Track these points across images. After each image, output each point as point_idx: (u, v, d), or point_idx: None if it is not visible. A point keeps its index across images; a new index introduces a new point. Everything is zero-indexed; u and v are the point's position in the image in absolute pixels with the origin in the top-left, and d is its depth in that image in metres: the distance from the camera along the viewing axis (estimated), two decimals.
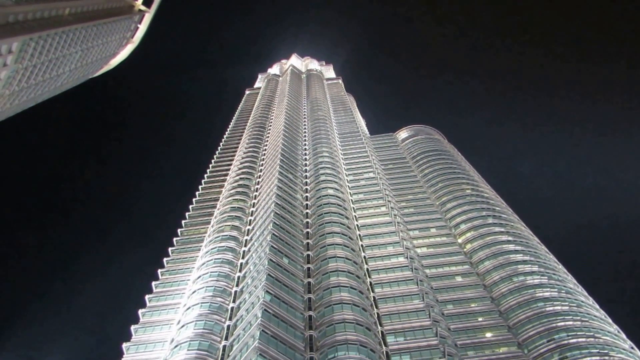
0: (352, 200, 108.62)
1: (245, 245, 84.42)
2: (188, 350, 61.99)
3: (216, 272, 75.96)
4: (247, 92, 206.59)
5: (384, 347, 66.06)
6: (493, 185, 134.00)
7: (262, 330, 57.82)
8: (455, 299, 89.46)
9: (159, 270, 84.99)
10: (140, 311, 75.65)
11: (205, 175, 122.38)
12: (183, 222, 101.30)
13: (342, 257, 77.47)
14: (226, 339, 64.46)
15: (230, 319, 67.55)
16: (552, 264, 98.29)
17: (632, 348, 79.77)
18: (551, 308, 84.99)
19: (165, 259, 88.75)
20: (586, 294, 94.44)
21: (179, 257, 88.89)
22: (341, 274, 73.27)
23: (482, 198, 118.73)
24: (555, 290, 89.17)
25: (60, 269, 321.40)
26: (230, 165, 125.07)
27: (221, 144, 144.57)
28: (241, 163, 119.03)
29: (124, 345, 69.43)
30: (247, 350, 56.86)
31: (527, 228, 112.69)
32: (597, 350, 75.75)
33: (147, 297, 78.96)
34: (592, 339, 77.83)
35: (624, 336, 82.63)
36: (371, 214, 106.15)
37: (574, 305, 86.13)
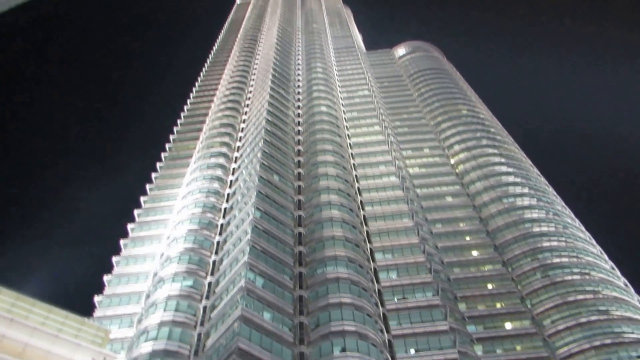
0: (345, 118, 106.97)
1: (235, 162, 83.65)
2: (178, 264, 62.68)
3: (206, 188, 75.60)
4: (237, 1, 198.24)
5: (372, 264, 67.22)
6: (491, 108, 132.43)
7: (252, 245, 58.25)
8: (445, 218, 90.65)
9: (148, 186, 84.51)
10: (129, 226, 75.90)
11: (194, 90, 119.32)
12: (171, 137, 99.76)
13: (334, 176, 77.11)
14: (216, 253, 65.15)
15: (219, 234, 67.99)
16: (543, 186, 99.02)
17: (612, 268, 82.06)
18: (538, 229, 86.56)
19: (153, 175, 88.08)
20: (573, 216, 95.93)
21: (168, 173, 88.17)
22: (332, 192, 73.22)
23: (477, 119, 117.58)
24: (543, 211, 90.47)
25: (49, 189, 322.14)
26: (220, 79, 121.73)
27: (210, 57, 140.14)
28: (231, 77, 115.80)
29: (114, 259, 70.17)
30: (237, 264, 57.53)
31: (520, 150, 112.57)
32: (579, 270, 77.89)
33: (135, 212, 78.97)
34: (575, 259, 79.83)
35: (605, 257, 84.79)
36: (364, 132, 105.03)
37: (560, 226, 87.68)
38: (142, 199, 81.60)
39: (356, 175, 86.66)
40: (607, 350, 65.49)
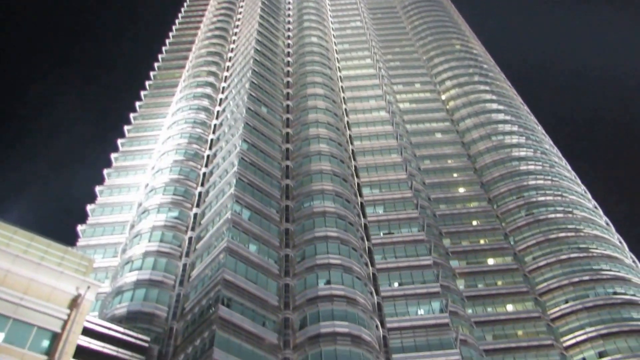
0: (336, 50, 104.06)
1: (222, 92, 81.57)
2: (163, 194, 62.12)
3: (192, 118, 73.94)
4: None
5: (359, 198, 67.20)
6: (485, 44, 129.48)
7: (239, 178, 57.61)
8: (433, 154, 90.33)
9: (132, 115, 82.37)
10: (112, 155, 74.48)
11: (180, 15, 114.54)
12: (156, 65, 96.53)
13: (323, 109, 75.71)
14: (202, 185, 64.54)
15: (206, 166, 67.13)
16: (532, 124, 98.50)
17: (595, 207, 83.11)
18: (525, 167, 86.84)
19: (137, 103, 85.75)
20: (560, 155, 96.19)
21: (152, 102, 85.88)
22: (321, 126, 72.11)
23: (470, 55, 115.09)
24: (531, 150, 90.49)
25: (30, 114, 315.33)
26: (207, 5, 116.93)
27: None
28: (219, 3, 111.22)
29: (98, 188, 69.22)
30: (223, 196, 57.08)
31: (511, 88, 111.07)
32: (563, 208, 78.78)
33: (119, 141, 77.28)
34: (559, 198, 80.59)
35: (589, 196, 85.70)
36: (355, 65, 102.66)
37: (547, 165, 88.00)
38: (125, 128, 79.72)
39: (346, 109, 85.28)
40: (585, 286, 67.14)
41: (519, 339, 63.58)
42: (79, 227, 63.52)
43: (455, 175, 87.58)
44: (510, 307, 67.51)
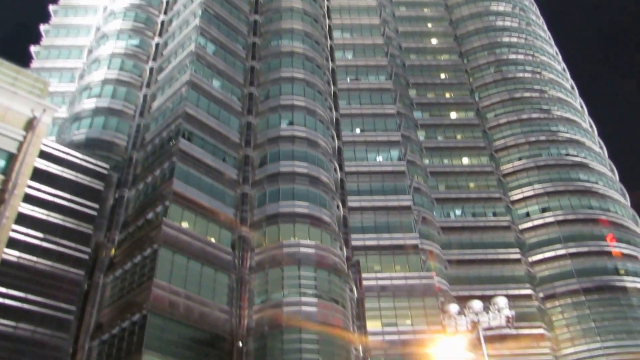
0: None
1: None
2: (124, 20, 58.38)
3: None
4: None
5: (328, 41, 64.87)
6: None
7: (205, 9, 54.14)
8: (410, 2, 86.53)
9: None
10: None
11: None
12: None
13: None
14: (165, 13, 60.63)
15: None
16: None
17: (564, 70, 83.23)
18: (501, 23, 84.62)
19: None
20: (539, 13, 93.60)
21: None
22: None
23: None
24: (510, 5, 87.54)
25: None
26: None
27: None
28: None
29: (52, 7, 64.15)
30: (188, 27, 54.09)
31: None
32: (532, 68, 78.55)
33: None
34: (530, 57, 79.96)
35: (560, 58, 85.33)
36: None
37: (524, 22, 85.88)
38: None
39: None
40: (540, 145, 69.44)
41: (470, 191, 66.79)
42: (33, 49, 59.88)
43: (429, 25, 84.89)
44: (465, 160, 69.88)
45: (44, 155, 40.91)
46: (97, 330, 36.48)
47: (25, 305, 35.60)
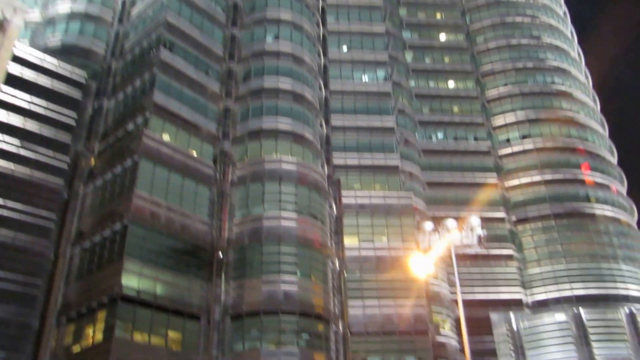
0: None
1: None
2: None
3: None
4: None
5: None
6: None
7: None
8: None
9: None
10: None
11: None
12: None
13: None
14: None
15: None
16: None
17: None
18: None
19: None
20: None
21: None
22: None
23: None
24: None
25: None
26: None
27: None
28: None
29: None
30: None
31: None
32: None
33: None
34: None
35: None
36: None
37: None
38: None
39: None
40: (527, 72, 69.00)
41: (453, 115, 66.85)
42: None
43: None
44: (451, 84, 69.40)
45: (17, 60, 39.64)
46: (79, 237, 36.99)
47: (5, 212, 35.72)
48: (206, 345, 34.80)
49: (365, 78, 58.50)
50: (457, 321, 45.36)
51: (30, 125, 38.68)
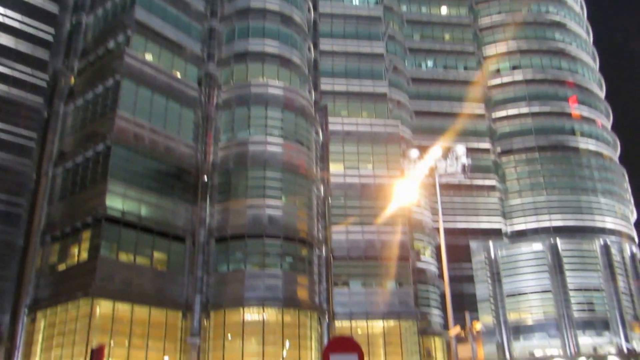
0: None
1: None
2: None
3: None
4: None
5: None
6: None
7: None
8: None
9: None
10: None
11: None
12: None
13: None
14: None
15: None
16: None
17: None
18: None
19: None
20: None
21: None
22: None
23: None
24: None
25: None
26: None
27: None
28: None
29: None
30: None
31: None
32: None
33: None
34: None
35: None
36: None
37: None
38: None
39: None
40: (521, 1, 67.15)
41: (444, 42, 65.50)
42: None
43: None
44: (444, 10, 67.50)
45: None
46: (61, 158, 36.47)
47: None
48: (191, 266, 35.39)
49: (355, 0, 56.46)
50: (438, 248, 46.48)
51: (6, 40, 37.12)
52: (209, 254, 36.11)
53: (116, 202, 32.55)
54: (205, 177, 37.98)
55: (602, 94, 67.47)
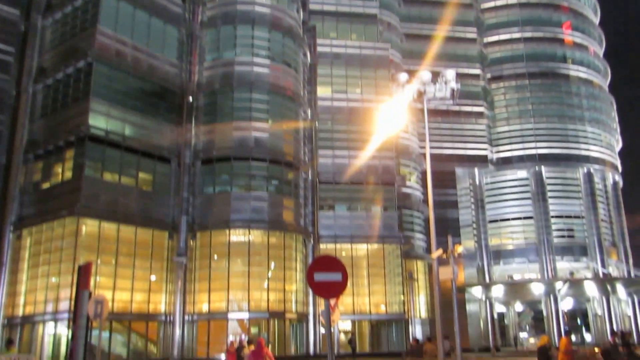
0: None
1: None
2: None
3: None
4: None
5: None
6: None
7: None
8: None
9: None
10: None
11: None
12: None
13: None
14: None
15: None
16: None
17: None
18: None
19: None
20: None
21: None
22: None
23: None
24: None
25: None
26: None
27: None
28: None
29: None
30: None
31: None
32: None
33: None
34: None
35: None
36: None
37: None
38: None
39: None
40: None
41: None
42: None
43: None
44: None
45: None
46: (40, 74, 35.36)
47: None
48: (177, 187, 35.42)
49: None
50: (424, 174, 46.79)
51: None
52: (194, 175, 36.06)
53: (99, 121, 31.99)
54: (191, 97, 37.25)
55: (596, 20, 66.02)
